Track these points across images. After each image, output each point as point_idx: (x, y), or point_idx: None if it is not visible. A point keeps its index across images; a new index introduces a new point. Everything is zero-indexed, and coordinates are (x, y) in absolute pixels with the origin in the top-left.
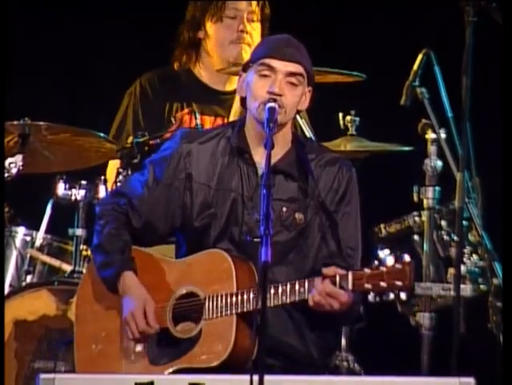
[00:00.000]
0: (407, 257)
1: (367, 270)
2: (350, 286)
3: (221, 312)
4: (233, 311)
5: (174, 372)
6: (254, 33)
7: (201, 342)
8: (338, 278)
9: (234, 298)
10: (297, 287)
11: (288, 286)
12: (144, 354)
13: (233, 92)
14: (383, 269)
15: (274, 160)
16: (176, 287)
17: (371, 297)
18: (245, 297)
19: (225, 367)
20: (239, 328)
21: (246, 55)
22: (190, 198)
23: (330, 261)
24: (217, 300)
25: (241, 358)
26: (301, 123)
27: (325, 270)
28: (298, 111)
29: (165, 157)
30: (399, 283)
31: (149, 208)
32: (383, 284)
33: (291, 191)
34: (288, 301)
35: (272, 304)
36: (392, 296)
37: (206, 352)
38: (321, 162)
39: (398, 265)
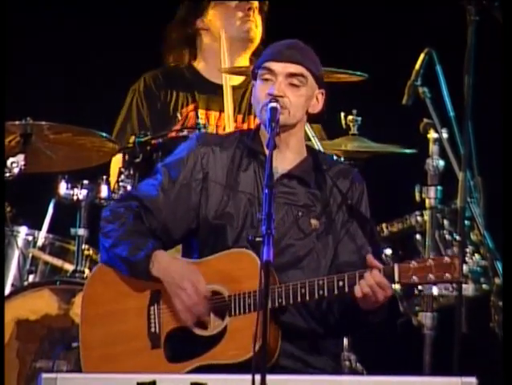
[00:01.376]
0: (455, 251)
1: (413, 263)
2: (396, 278)
3: (249, 309)
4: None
5: (195, 370)
6: (257, 18)
7: (227, 338)
8: (383, 270)
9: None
10: (335, 282)
11: (326, 280)
12: (160, 353)
13: (237, 88)
14: (430, 262)
15: (290, 166)
16: None
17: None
18: (273, 293)
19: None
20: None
21: (256, 29)
22: (206, 198)
23: (345, 270)
24: (244, 297)
25: (268, 353)
26: (309, 134)
27: (369, 257)
28: (310, 114)
29: (181, 159)
30: (447, 276)
31: (165, 210)
32: (431, 276)
33: (307, 197)
34: (326, 295)
35: (308, 299)
36: (435, 290)
37: (234, 348)
38: (333, 172)
39: (446, 258)
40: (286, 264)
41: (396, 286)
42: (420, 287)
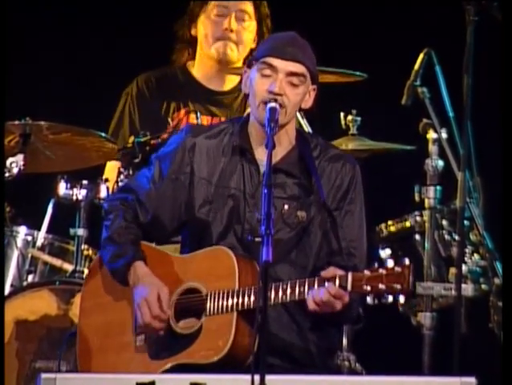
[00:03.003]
0: (407, 261)
1: (366, 272)
2: (349, 287)
3: (222, 309)
4: (234, 309)
5: (172, 368)
6: (246, 32)
7: (201, 338)
8: (338, 280)
9: (236, 296)
10: (297, 287)
11: (288, 286)
12: (143, 349)
13: (230, 92)
14: (382, 271)
15: (275, 160)
16: (179, 282)
17: (369, 299)
18: (246, 295)
19: (224, 364)
20: (239, 325)
21: (232, 53)
22: (193, 191)
23: (331, 260)
24: (218, 297)
25: (240, 356)
26: (299, 118)
27: (324, 273)
28: (301, 109)
29: (170, 152)
30: (397, 286)
31: (156, 203)
32: (381, 286)
33: (293, 189)
34: (288, 300)
35: (272, 302)
36: (390, 299)
37: (205, 348)
38: (325, 158)
39: (397, 268)
40: (275, 258)
41: None
42: (419, 289)
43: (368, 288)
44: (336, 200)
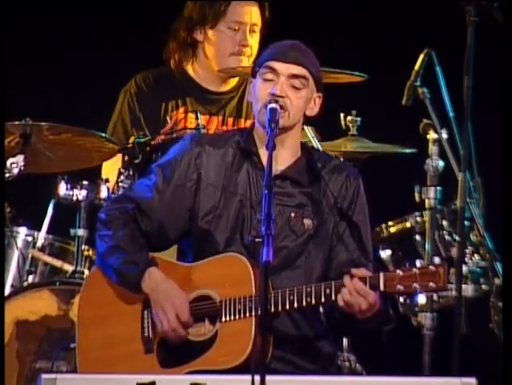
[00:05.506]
0: (439, 260)
1: (399, 272)
2: (381, 287)
3: (240, 314)
4: (252, 313)
5: (188, 374)
6: (254, 43)
7: (218, 343)
8: (368, 279)
9: (253, 300)
10: (323, 288)
11: (313, 288)
12: (153, 358)
13: (228, 92)
14: (415, 270)
15: (283, 167)
16: (189, 291)
17: (402, 299)
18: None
19: (243, 368)
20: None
21: (245, 65)
22: (198, 198)
23: (342, 270)
24: (234, 302)
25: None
26: (309, 134)
27: (355, 271)
28: (307, 117)
29: (175, 159)
30: (432, 285)
31: (161, 211)
32: (415, 285)
33: (300, 197)
34: (314, 302)
35: (296, 306)
36: (421, 299)
37: (225, 353)
38: (328, 170)
39: (432, 267)
40: (279, 265)
41: None
42: None
43: (401, 287)
44: (342, 210)
